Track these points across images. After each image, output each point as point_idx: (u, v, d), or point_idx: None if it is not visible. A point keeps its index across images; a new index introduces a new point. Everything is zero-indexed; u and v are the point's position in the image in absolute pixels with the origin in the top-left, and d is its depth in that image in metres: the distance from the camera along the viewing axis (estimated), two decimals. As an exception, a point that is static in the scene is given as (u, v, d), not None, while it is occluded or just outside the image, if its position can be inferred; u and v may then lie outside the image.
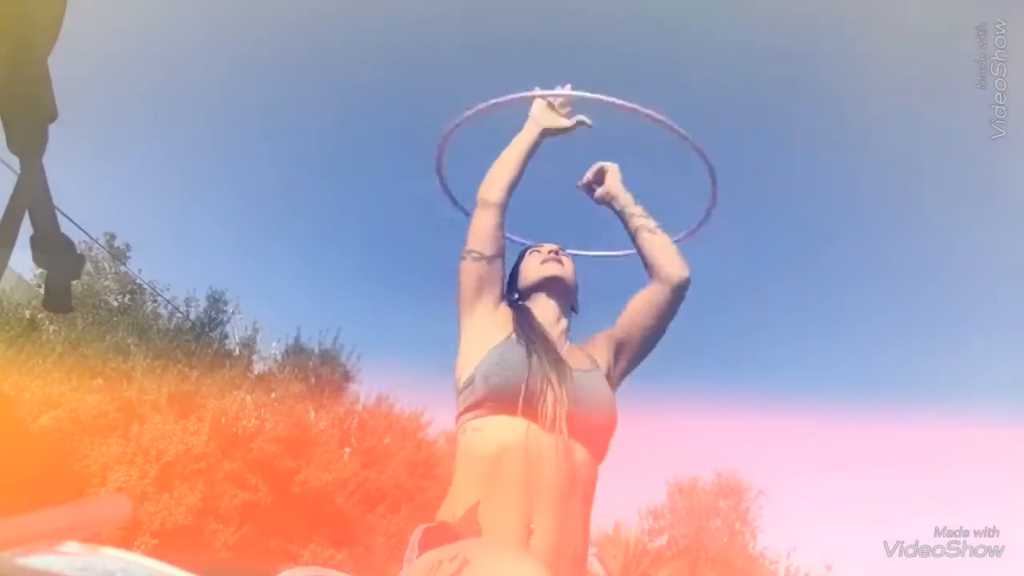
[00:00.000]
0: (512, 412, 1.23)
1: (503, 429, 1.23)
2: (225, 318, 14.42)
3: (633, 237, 1.52)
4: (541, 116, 1.51)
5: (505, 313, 1.42)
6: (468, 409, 1.28)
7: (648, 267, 1.49)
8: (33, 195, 0.68)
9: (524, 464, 1.20)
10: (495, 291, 1.42)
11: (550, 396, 1.24)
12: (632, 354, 1.47)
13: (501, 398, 1.24)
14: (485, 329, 1.36)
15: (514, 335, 1.35)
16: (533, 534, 1.16)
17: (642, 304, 1.48)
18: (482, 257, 1.39)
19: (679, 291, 1.44)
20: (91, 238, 12.28)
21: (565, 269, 1.51)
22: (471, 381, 1.29)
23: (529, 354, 1.29)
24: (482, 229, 1.41)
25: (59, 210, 0.75)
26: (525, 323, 1.40)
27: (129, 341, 11.41)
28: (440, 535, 1.17)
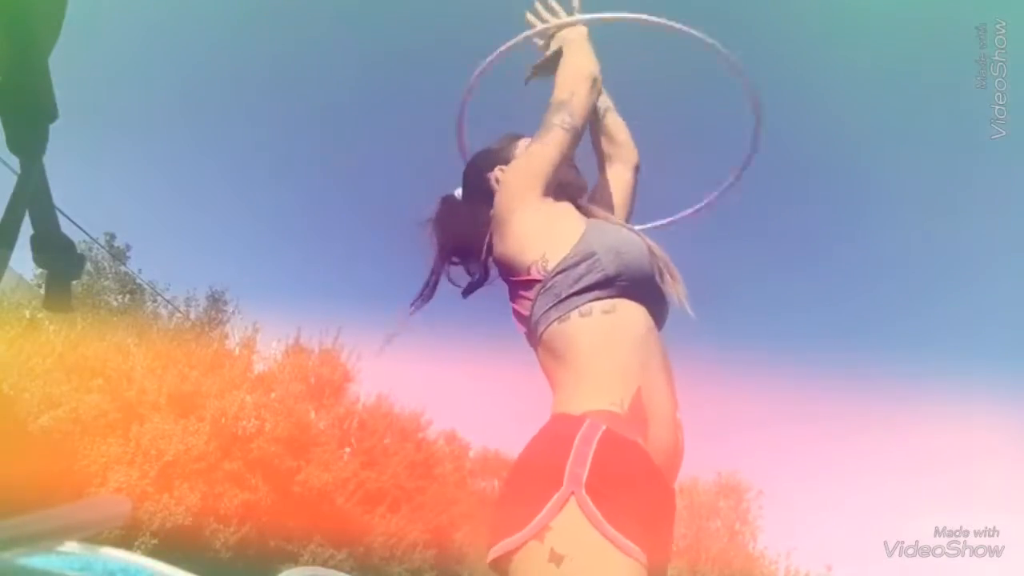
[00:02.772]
0: (639, 295, 1.11)
1: (636, 312, 1.11)
2: (225, 318, 14.44)
3: (600, 115, 1.48)
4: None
5: (564, 202, 1.27)
6: (588, 289, 1.08)
7: (610, 147, 1.46)
8: (33, 195, 0.68)
9: (661, 350, 1.11)
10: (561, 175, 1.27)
11: (670, 280, 1.17)
12: None
13: (634, 278, 1.11)
14: (557, 210, 1.21)
15: (598, 219, 1.24)
16: (679, 427, 1.09)
17: (612, 191, 1.43)
18: (578, 135, 1.25)
19: (637, 171, 1.46)
20: (91, 238, 12.30)
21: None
22: (588, 256, 1.10)
23: (639, 236, 1.20)
24: (589, 106, 1.27)
25: (59, 210, 0.75)
26: (599, 212, 1.31)
27: (129, 341, 11.40)
28: (620, 443, 0.98)
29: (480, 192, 1.36)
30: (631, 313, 1.10)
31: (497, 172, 1.34)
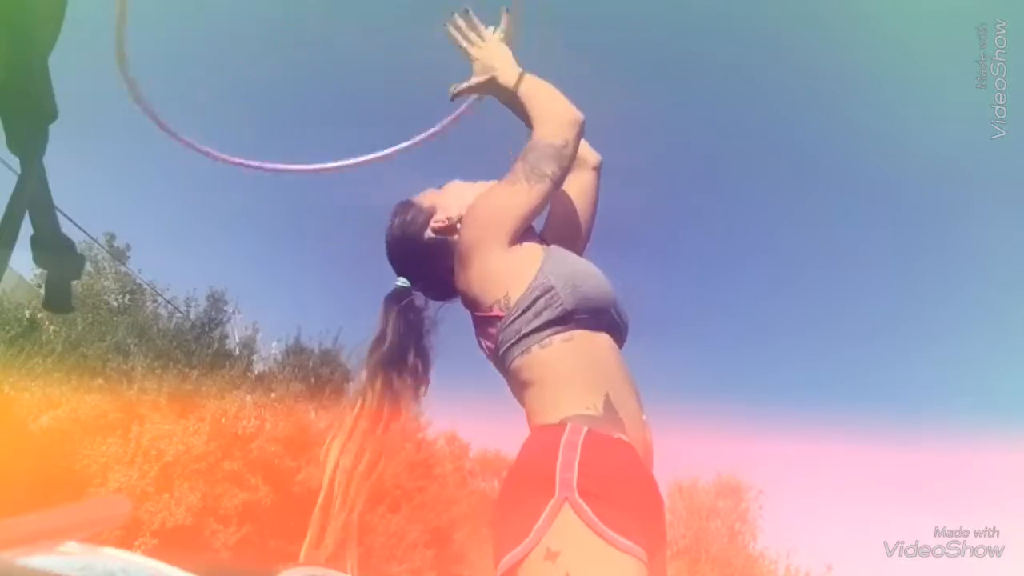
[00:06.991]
0: (597, 325, 1.13)
1: (595, 336, 1.12)
2: (225, 318, 14.42)
3: None
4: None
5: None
6: (547, 324, 1.10)
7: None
8: (33, 195, 0.68)
9: (624, 367, 1.14)
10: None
11: (622, 309, 1.18)
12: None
13: (592, 310, 1.12)
14: (519, 247, 1.19)
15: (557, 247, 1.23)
16: (647, 428, 1.12)
17: (575, 199, 1.37)
18: (560, 186, 1.23)
19: (599, 170, 1.41)
20: (91, 238, 12.26)
21: None
22: (547, 291, 1.10)
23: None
24: (576, 156, 1.24)
25: (59, 210, 0.75)
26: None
27: (129, 341, 11.41)
28: (605, 442, 1.02)
29: (420, 257, 1.30)
30: (590, 338, 1.13)
31: (434, 224, 1.27)
